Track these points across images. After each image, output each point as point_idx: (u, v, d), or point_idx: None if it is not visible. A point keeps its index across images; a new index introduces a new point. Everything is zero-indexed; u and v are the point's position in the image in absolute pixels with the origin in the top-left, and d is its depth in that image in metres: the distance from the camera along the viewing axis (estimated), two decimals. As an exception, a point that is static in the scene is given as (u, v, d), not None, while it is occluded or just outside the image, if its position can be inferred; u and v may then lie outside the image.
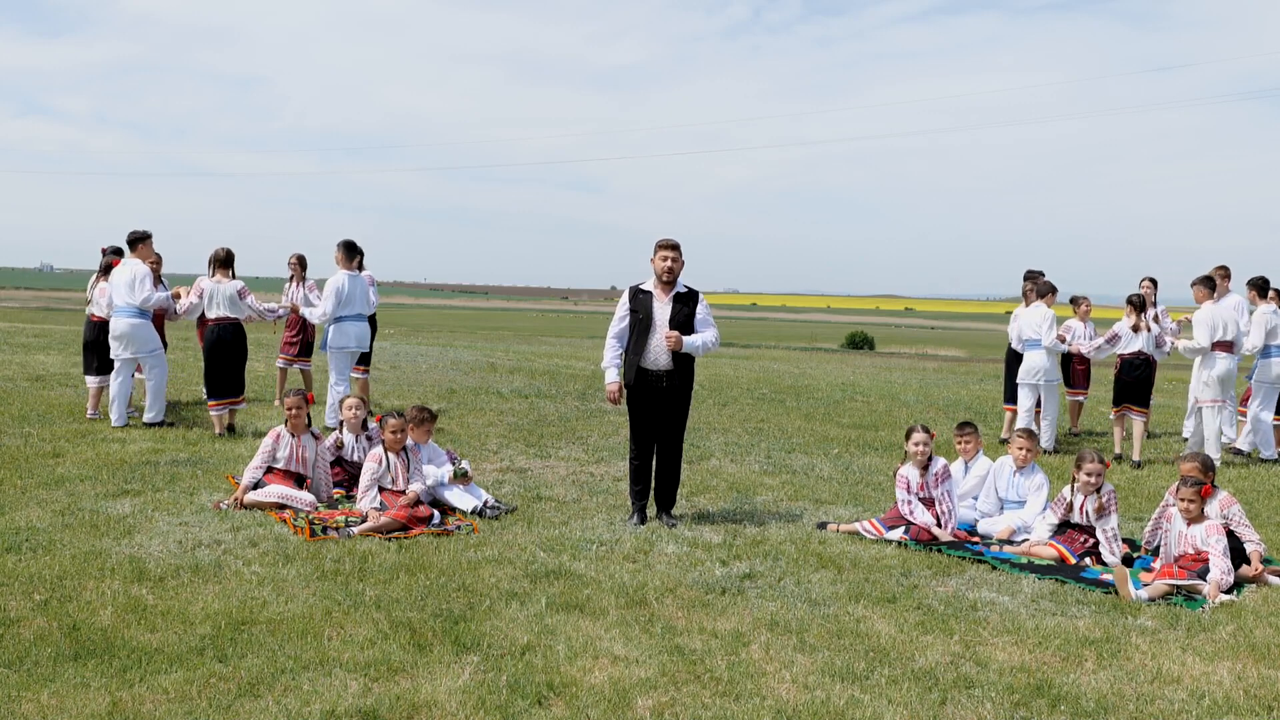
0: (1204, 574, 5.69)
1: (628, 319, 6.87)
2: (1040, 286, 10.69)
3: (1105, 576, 5.90)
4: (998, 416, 13.05)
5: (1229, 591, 5.70)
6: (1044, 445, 10.08)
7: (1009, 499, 7.23)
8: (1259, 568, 5.99)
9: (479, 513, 6.93)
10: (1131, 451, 9.90)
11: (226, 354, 9.67)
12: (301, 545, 5.97)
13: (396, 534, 6.32)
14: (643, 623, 4.85)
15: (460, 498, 7.09)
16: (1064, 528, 6.57)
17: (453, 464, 7.33)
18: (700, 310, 6.87)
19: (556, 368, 18.43)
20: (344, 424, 7.71)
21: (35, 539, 5.85)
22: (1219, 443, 9.83)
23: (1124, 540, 6.64)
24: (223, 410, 9.69)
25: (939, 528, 6.72)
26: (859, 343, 43.66)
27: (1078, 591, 5.67)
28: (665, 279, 6.81)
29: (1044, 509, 6.86)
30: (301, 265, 11.90)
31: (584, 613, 4.97)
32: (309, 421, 7.42)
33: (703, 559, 6.02)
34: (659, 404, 6.84)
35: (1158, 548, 6.30)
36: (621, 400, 6.92)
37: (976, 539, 6.85)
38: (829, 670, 4.34)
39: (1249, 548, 6.08)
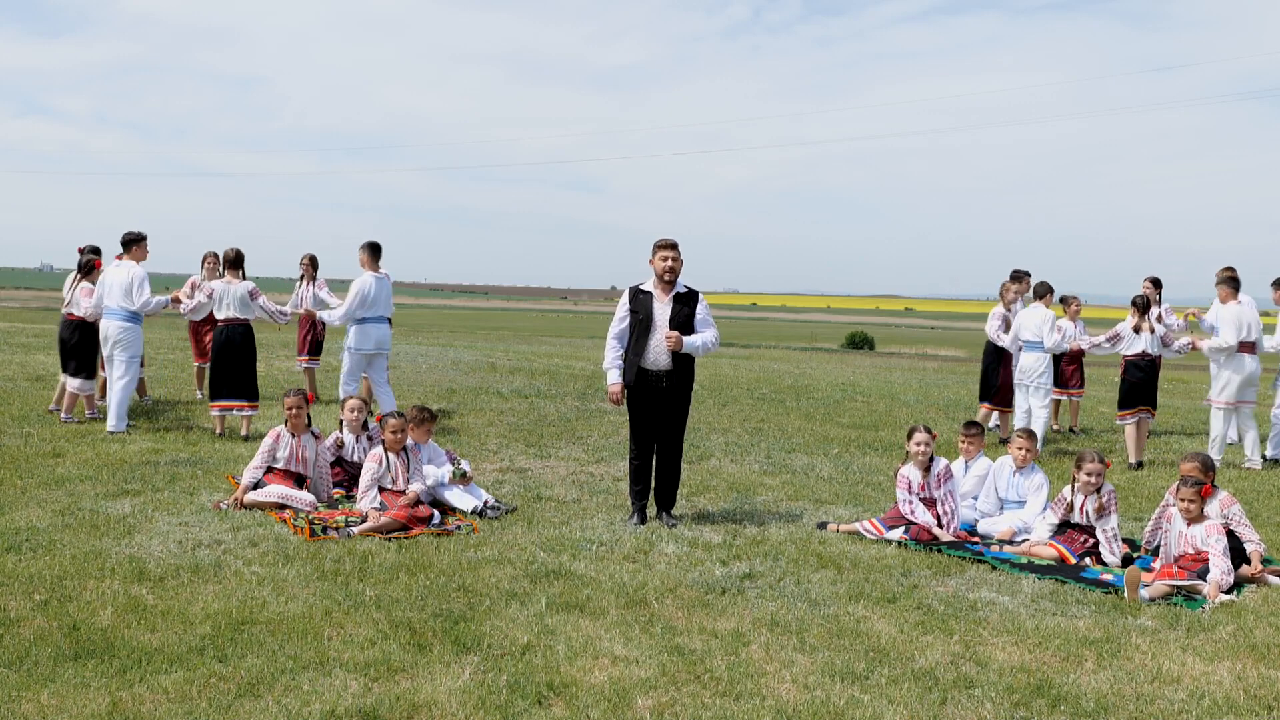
0: (1204, 574, 5.69)
1: (628, 319, 6.87)
2: (1038, 287, 10.67)
3: (1105, 576, 5.90)
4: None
5: (1229, 591, 5.70)
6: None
7: (1009, 499, 7.24)
8: (1259, 568, 5.99)
9: (479, 513, 6.93)
10: (1137, 454, 9.85)
11: (236, 355, 9.51)
12: (301, 545, 5.97)
13: (396, 534, 6.32)
14: (643, 623, 4.85)
15: (460, 498, 7.09)
16: (1064, 528, 6.57)
17: (453, 464, 7.33)
18: (700, 310, 6.87)
19: (556, 368, 18.43)
20: (344, 424, 7.72)
21: (35, 539, 5.85)
22: (1224, 445, 9.78)
23: (1124, 540, 6.64)
24: (226, 413, 9.53)
25: (940, 528, 6.72)
26: (859, 343, 43.67)
27: (1078, 591, 5.67)
28: (666, 278, 6.81)
29: (1044, 509, 6.86)
30: (313, 265, 11.91)
31: (584, 613, 4.97)
32: (309, 421, 7.42)
33: (703, 559, 6.02)
34: (659, 404, 6.84)
35: (1158, 548, 6.30)
36: (623, 401, 6.92)
37: (977, 539, 6.85)
38: (829, 670, 4.34)
39: (1249, 547, 6.08)
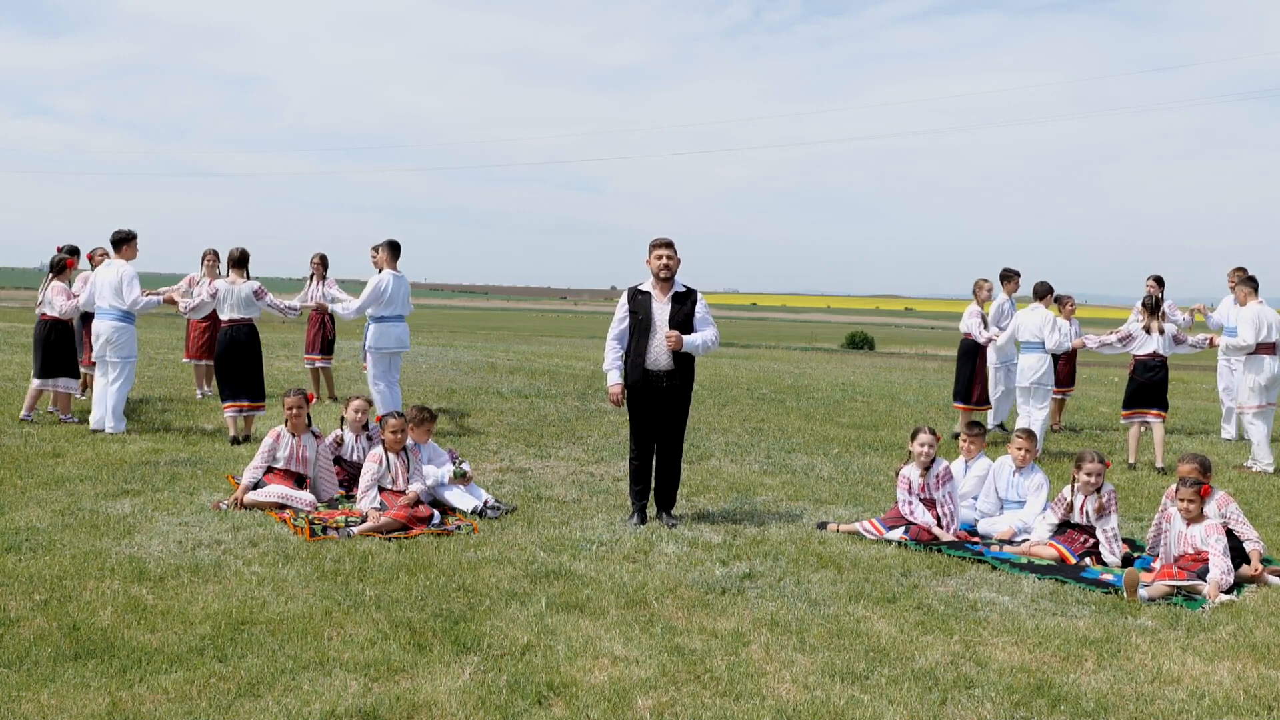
0: (1204, 574, 5.69)
1: (627, 320, 6.87)
2: (1038, 287, 10.65)
3: (1105, 576, 5.90)
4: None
5: (1229, 591, 5.70)
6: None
7: (1009, 499, 7.24)
8: (1258, 568, 5.99)
9: (479, 513, 6.93)
10: (1155, 458, 9.73)
11: (241, 356, 9.41)
12: (301, 545, 5.97)
13: (396, 534, 6.32)
14: (643, 623, 4.85)
15: (460, 498, 7.09)
16: (1064, 528, 6.57)
17: (453, 464, 7.33)
18: (699, 309, 6.87)
19: (556, 368, 18.43)
20: (345, 422, 7.71)
21: (35, 539, 5.85)
22: (1269, 446, 9.68)
23: (1124, 540, 6.64)
24: (239, 414, 9.42)
25: (940, 528, 6.72)
26: (859, 343, 43.66)
27: (1078, 591, 5.67)
28: (663, 276, 6.81)
29: (1044, 509, 6.86)
30: (324, 265, 11.92)
31: (584, 613, 4.97)
32: (309, 421, 7.42)
33: (703, 559, 6.02)
34: (660, 404, 6.84)
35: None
36: (624, 402, 6.92)
37: (977, 539, 6.85)
38: (829, 670, 4.34)
39: (1248, 546, 6.08)
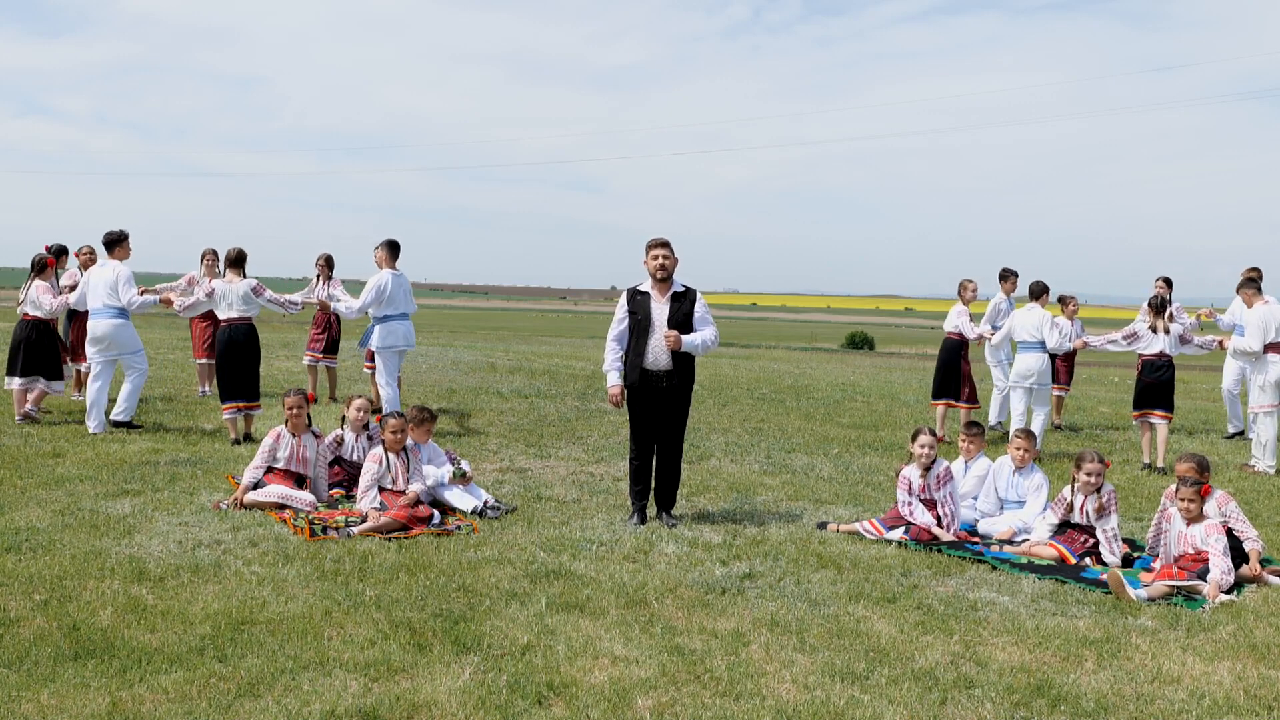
0: (1204, 574, 5.69)
1: (626, 321, 6.87)
2: (1033, 287, 10.64)
3: (1105, 577, 5.89)
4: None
5: (1229, 591, 5.70)
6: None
7: (1008, 499, 7.24)
8: (1258, 568, 5.99)
9: (479, 513, 6.93)
10: (1156, 458, 9.80)
11: (239, 355, 9.38)
12: (301, 545, 5.97)
13: (396, 534, 6.32)
14: (643, 623, 4.85)
15: (460, 498, 7.09)
16: (1064, 528, 6.57)
17: (452, 464, 7.33)
18: (698, 309, 6.87)
19: (556, 368, 18.43)
20: (345, 422, 7.71)
21: (35, 539, 5.85)
22: (1275, 448, 9.66)
23: (1124, 540, 6.64)
24: (237, 415, 9.39)
25: (940, 528, 6.72)
26: (859, 343, 43.66)
27: (1078, 591, 5.67)
28: (660, 276, 6.81)
29: (1044, 509, 6.86)
30: (329, 265, 11.92)
31: (584, 613, 4.97)
32: (309, 421, 7.42)
33: (703, 559, 6.02)
34: (660, 404, 6.84)
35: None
36: (623, 403, 6.92)
37: (977, 539, 6.85)
38: (829, 670, 4.34)
39: (1247, 545, 6.08)
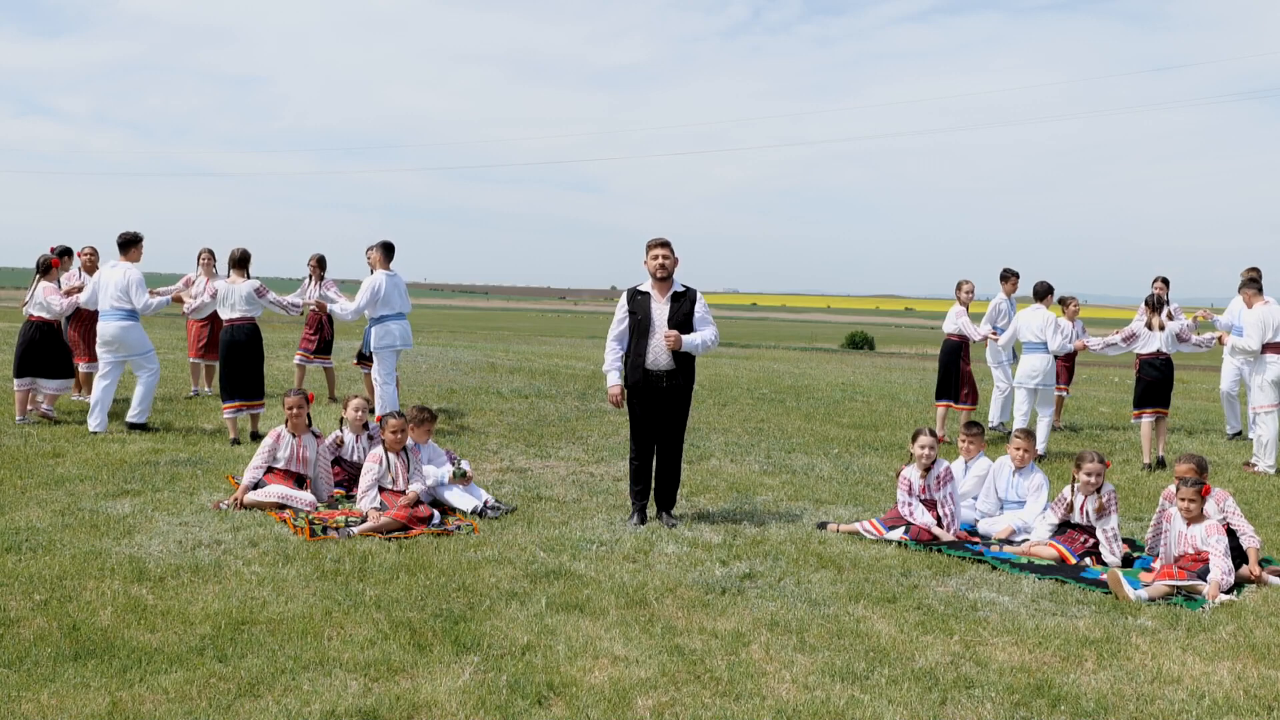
0: (1204, 574, 5.69)
1: (627, 321, 6.87)
2: (1038, 287, 10.64)
3: (1105, 577, 5.89)
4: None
5: (1229, 591, 5.70)
6: (1038, 449, 10.04)
7: (1008, 499, 7.24)
8: (1257, 568, 5.98)
9: (479, 513, 6.93)
10: (1157, 449, 9.84)
11: (242, 355, 9.41)
12: (301, 545, 5.97)
13: (396, 534, 6.32)
14: (643, 623, 4.85)
15: (460, 498, 7.09)
16: (1064, 528, 6.57)
17: (452, 464, 7.33)
18: (698, 309, 6.87)
19: (556, 368, 18.43)
20: (344, 423, 7.71)
21: (35, 539, 5.85)
22: (1275, 448, 9.66)
23: (1124, 540, 6.64)
24: (237, 414, 9.39)
25: (940, 528, 6.71)
26: (859, 343, 43.66)
27: (1078, 591, 5.67)
28: (660, 276, 6.82)
29: (1044, 509, 6.86)
30: (320, 265, 11.92)
31: (584, 613, 4.97)
32: (309, 421, 7.42)
33: (703, 559, 6.02)
34: (660, 404, 6.84)
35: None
36: (624, 403, 6.92)
37: (976, 539, 6.85)
38: (829, 670, 4.34)
39: (1245, 541, 6.07)
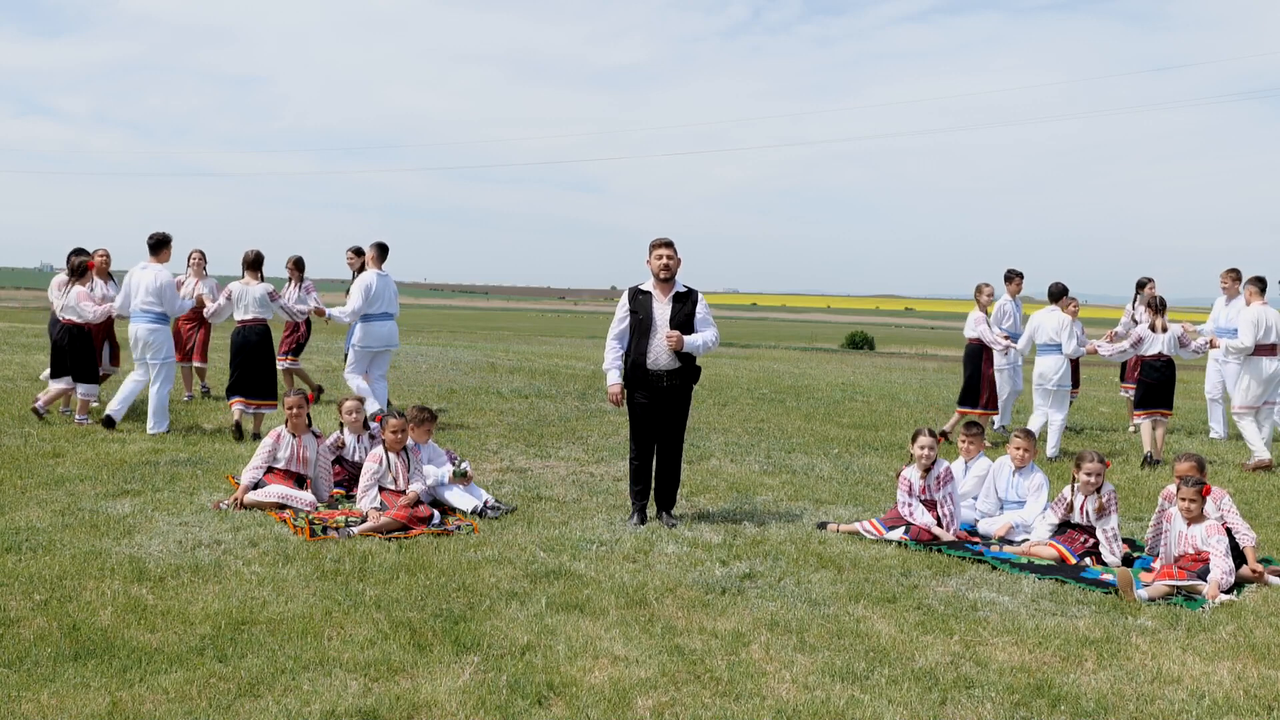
0: (1204, 574, 5.69)
1: (628, 320, 6.87)
2: (1053, 288, 10.64)
3: (1105, 577, 5.90)
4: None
5: (1229, 591, 5.70)
6: (1050, 452, 10.09)
7: (1009, 499, 7.24)
8: (1257, 567, 5.98)
9: (479, 513, 6.93)
10: (1155, 451, 9.93)
11: (254, 355, 9.59)
12: (301, 545, 5.97)
13: (396, 534, 6.32)
14: (643, 623, 4.85)
15: (460, 498, 7.09)
16: (1064, 528, 6.57)
17: (453, 464, 7.33)
18: (700, 309, 6.87)
19: (556, 368, 18.43)
20: (344, 425, 7.72)
21: (35, 539, 5.85)
22: (1263, 445, 9.74)
23: (1124, 540, 6.64)
24: (246, 409, 9.54)
25: (940, 528, 6.71)
26: (859, 343, 43.63)
27: (1078, 591, 5.67)
28: (663, 276, 6.82)
29: (1044, 509, 6.86)
30: (299, 267, 11.92)
31: (584, 613, 4.97)
32: (309, 421, 7.42)
33: (703, 559, 6.02)
34: (660, 404, 6.84)
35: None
36: (624, 402, 6.92)
37: (976, 539, 6.85)
38: (829, 670, 4.34)
39: (1241, 540, 6.07)
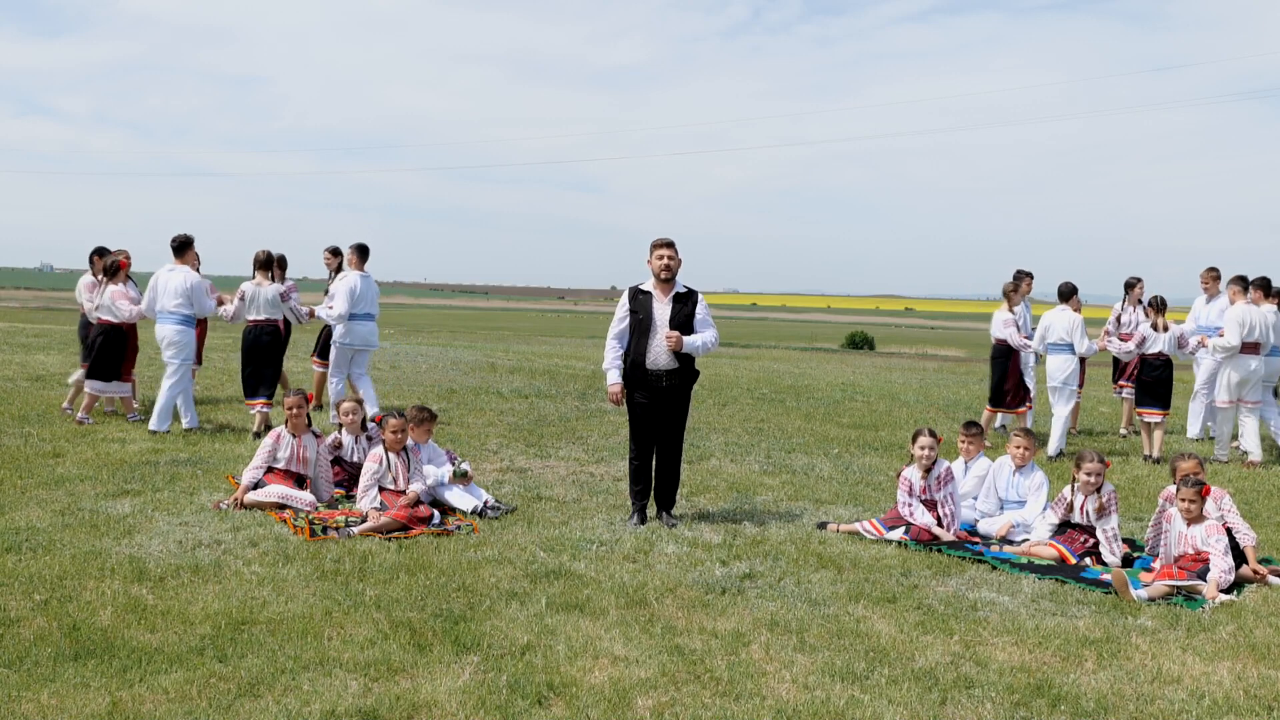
0: (1204, 574, 5.69)
1: (628, 320, 6.87)
2: (1063, 288, 10.66)
3: (1105, 577, 5.89)
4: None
5: (1229, 591, 5.70)
6: (1051, 451, 10.13)
7: (1009, 499, 7.23)
8: (1257, 567, 5.98)
9: (479, 513, 6.93)
10: (1153, 450, 10.03)
11: (265, 354, 9.84)
12: (301, 545, 5.97)
13: (396, 534, 6.32)
14: (643, 623, 4.85)
15: (460, 498, 7.09)
16: (1064, 528, 6.57)
17: (453, 464, 7.33)
18: (700, 310, 6.87)
19: (556, 368, 18.43)
20: (342, 426, 7.72)
21: (35, 539, 5.85)
22: (1228, 440, 9.94)
23: (1124, 540, 6.64)
24: (265, 410, 9.76)
25: (941, 528, 6.71)
26: (859, 343, 43.64)
27: (1078, 591, 5.67)
28: (664, 277, 6.82)
29: (1044, 508, 6.86)
30: (281, 266, 11.93)
31: (584, 613, 4.97)
32: (309, 421, 7.42)
33: (703, 559, 6.02)
34: (660, 404, 6.84)
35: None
36: (623, 401, 6.92)
37: (976, 539, 6.85)
38: (829, 670, 4.34)
39: (1241, 540, 6.08)
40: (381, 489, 6.85)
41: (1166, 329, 10.22)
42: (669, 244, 6.85)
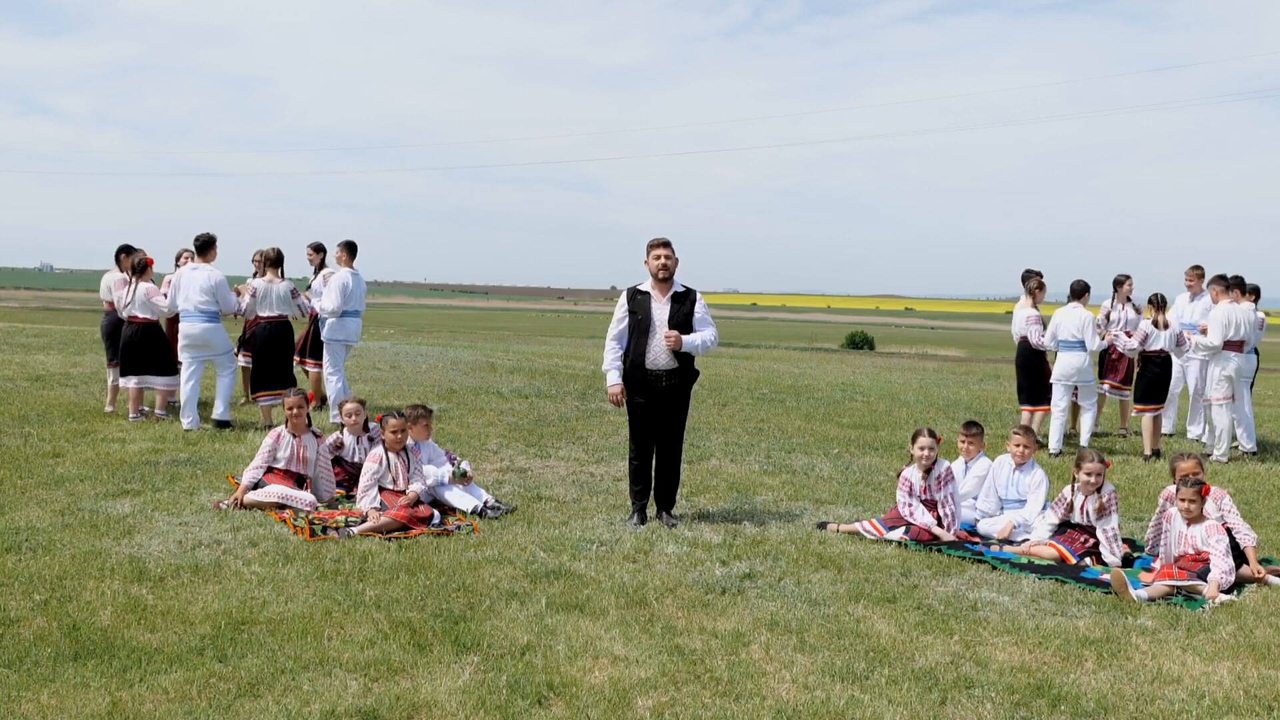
0: (1204, 574, 5.69)
1: (627, 320, 6.87)
2: (1075, 285, 10.66)
3: (1105, 577, 5.89)
4: (998, 416, 13.05)
5: (1229, 591, 5.70)
6: (1053, 449, 10.27)
7: (1009, 498, 7.23)
8: (1257, 567, 5.98)
9: (479, 513, 6.93)
10: (1145, 447, 10.12)
11: (276, 350, 10.09)
12: (301, 545, 5.97)
13: (396, 534, 6.32)
14: (643, 623, 4.85)
15: (460, 498, 7.09)
16: (1064, 527, 6.57)
17: (452, 464, 7.33)
18: (698, 309, 6.87)
19: (556, 368, 18.43)
20: (344, 426, 7.72)
21: (35, 539, 5.85)
22: (1229, 440, 10.06)
23: (1124, 540, 6.64)
24: (273, 401, 9.92)
25: (941, 528, 6.71)
26: (859, 343, 43.65)
27: (1078, 591, 5.67)
28: (661, 276, 6.82)
29: (1044, 507, 6.86)
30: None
31: (584, 613, 4.97)
32: (309, 421, 7.42)
33: (703, 559, 6.02)
34: (659, 404, 6.84)
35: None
36: (623, 402, 6.92)
37: (977, 539, 6.85)
38: (829, 670, 4.34)
39: (1241, 540, 6.08)
40: (381, 489, 6.85)
41: (1167, 326, 10.27)
42: (666, 243, 6.85)
